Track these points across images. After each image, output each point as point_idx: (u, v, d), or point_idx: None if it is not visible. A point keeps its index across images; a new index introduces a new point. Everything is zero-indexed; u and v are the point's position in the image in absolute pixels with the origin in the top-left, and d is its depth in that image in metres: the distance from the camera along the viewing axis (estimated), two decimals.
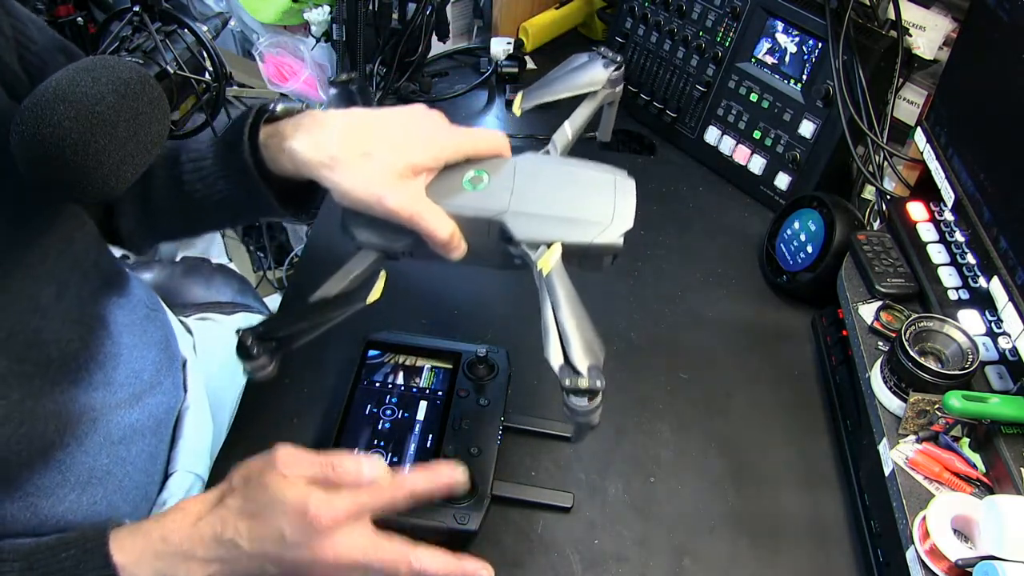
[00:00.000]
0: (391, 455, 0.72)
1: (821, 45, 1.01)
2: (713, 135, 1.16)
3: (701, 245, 1.05)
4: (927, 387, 0.68)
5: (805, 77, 1.04)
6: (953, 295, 0.79)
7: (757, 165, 1.11)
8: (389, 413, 0.75)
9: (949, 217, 0.87)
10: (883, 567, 0.68)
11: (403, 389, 0.78)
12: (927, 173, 0.85)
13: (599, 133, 1.12)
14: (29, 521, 0.57)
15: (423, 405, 0.76)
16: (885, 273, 0.83)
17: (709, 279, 1.00)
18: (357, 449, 0.72)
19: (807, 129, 1.04)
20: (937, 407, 0.67)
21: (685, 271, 1.01)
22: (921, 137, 0.87)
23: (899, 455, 0.67)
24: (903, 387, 0.69)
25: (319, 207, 1.07)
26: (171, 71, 0.52)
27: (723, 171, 1.17)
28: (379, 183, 0.57)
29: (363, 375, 0.78)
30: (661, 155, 1.21)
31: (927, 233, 0.86)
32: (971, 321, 0.76)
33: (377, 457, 0.57)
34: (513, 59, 1.33)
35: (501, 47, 1.33)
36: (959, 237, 0.85)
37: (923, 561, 0.60)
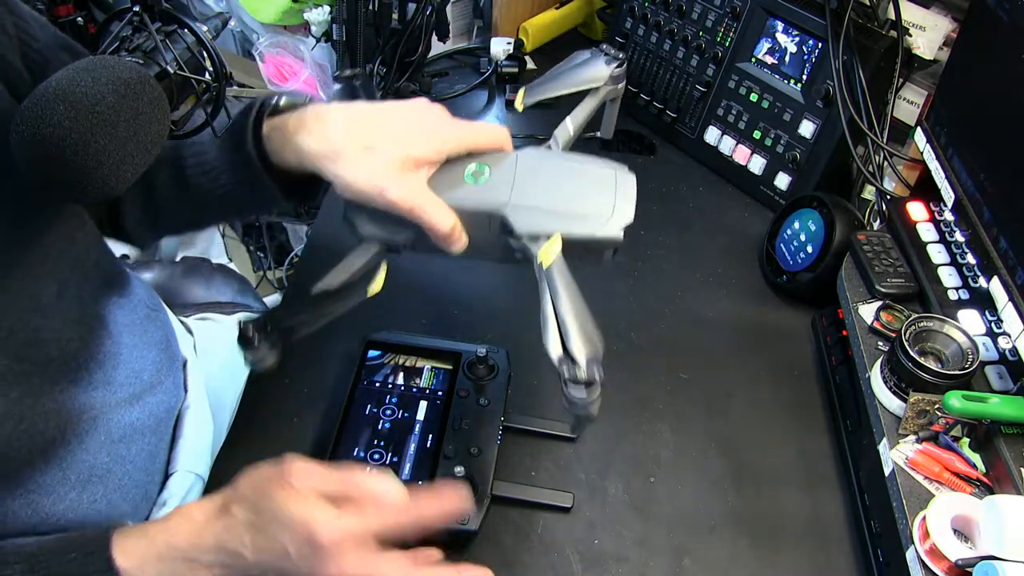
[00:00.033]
0: (391, 455, 0.72)
1: (821, 45, 1.01)
2: (713, 135, 1.16)
3: (701, 245, 1.05)
4: (927, 387, 0.68)
5: (805, 77, 1.04)
6: (953, 295, 0.79)
7: (757, 165, 1.11)
8: (389, 413, 0.75)
9: (949, 217, 0.87)
10: (883, 567, 0.68)
11: (403, 389, 0.78)
12: (927, 173, 0.85)
13: (601, 131, 1.12)
14: (30, 519, 0.57)
15: (423, 405, 0.76)
16: (885, 273, 0.83)
17: (709, 279, 1.00)
18: (357, 449, 0.72)
19: (807, 129, 1.04)
20: (937, 407, 0.67)
21: (685, 271, 1.01)
22: (921, 137, 0.87)
23: (899, 455, 0.67)
24: (903, 387, 0.69)
25: (321, 200, 1.07)
26: (171, 71, 0.52)
27: (723, 171, 1.17)
28: (381, 175, 0.57)
29: (363, 375, 0.78)
30: (661, 155, 1.21)
31: (927, 233, 0.86)
32: (971, 321, 0.76)
33: (390, 475, 0.58)
34: (513, 59, 1.33)
35: (501, 47, 1.34)
36: (959, 237, 0.85)
37: (923, 561, 0.61)
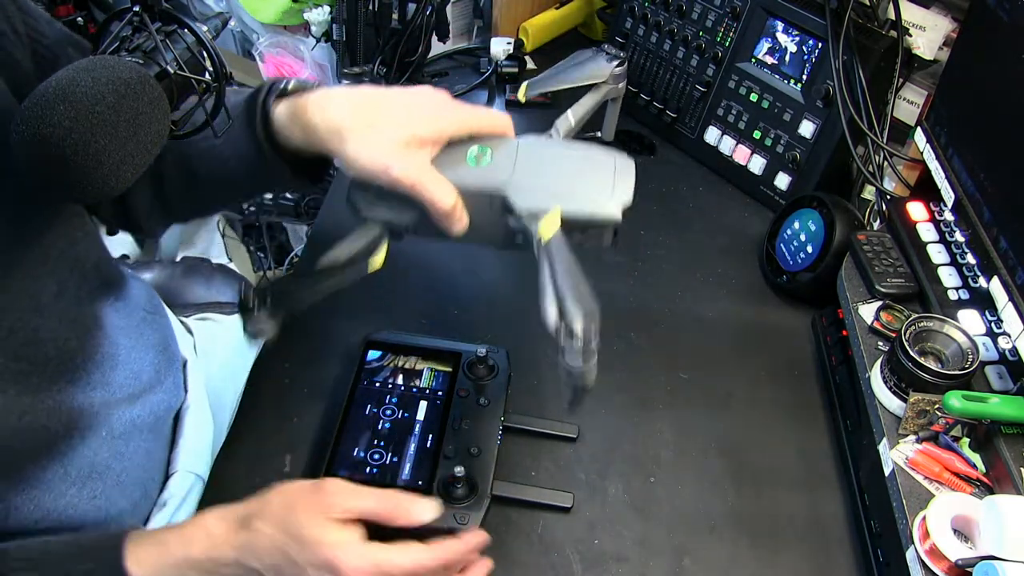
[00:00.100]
0: (391, 455, 0.72)
1: (821, 45, 1.01)
2: (713, 135, 1.16)
3: (701, 245, 1.05)
4: (927, 387, 0.68)
5: (805, 77, 1.04)
6: (953, 295, 0.79)
7: (757, 165, 1.11)
8: (389, 413, 0.75)
9: (949, 217, 0.87)
10: (883, 567, 0.68)
11: (403, 389, 0.78)
12: (927, 173, 0.85)
13: (602, 132, 1.12)
14: (31, 514, 0.57)
15: (423, 405, 0.76)
16: (885, 273, 0.83)
17: (709, 279, 1.00)
18: (357, 450, 0.72)
19: (807, 129, 1.04)
20: (937, 407, 0.67)
21: (685, 271, 1.01)
22: (921, 137, 0.87)
23: (899, 455, 0.67)
24: (903, 387, 0.69)
25: (329, 182, 1.08)
26: (171, 71, 0.51)
27: (723, 171, 1.17)
28: (386, 153, 0.58)
29: (363, 375, 0.78)
30: (661, 155, 1.21)
31: (927, 233, 0.86)
32: (971, 321, 0.76)
33: (435, 501, 0.59)
34: (513, 59, 1.32)
35: (501, 47, 1.33)
36: (959, 237, 0.85)
37: (923, 561, 0.61)
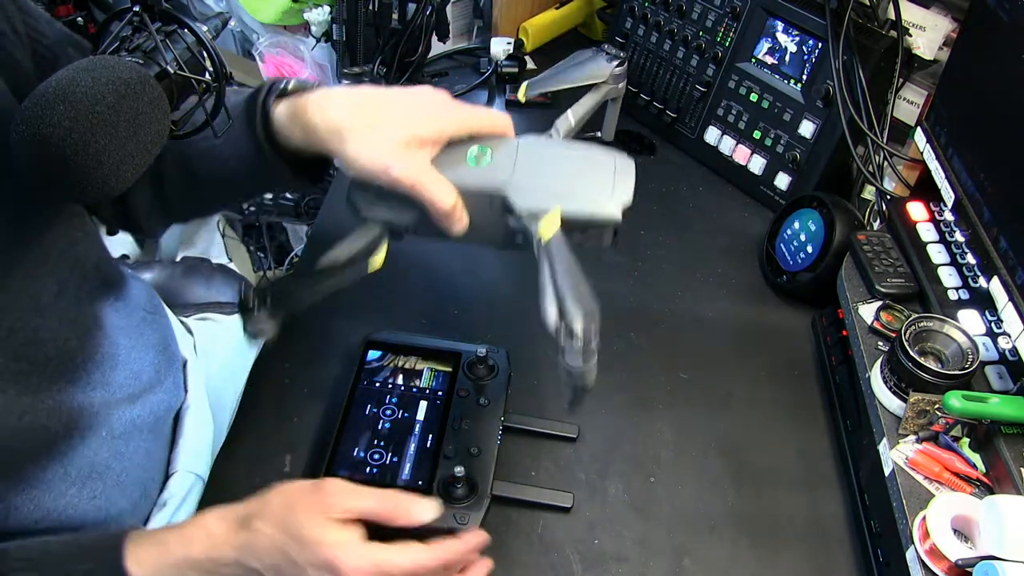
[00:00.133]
0: (391, 455, 0.72)
1: (821, 45, 1.01)
2: (713, 135, 1.16)
3: (701, 245, 1.05)
4: (927, 387, 0.68)
5: (805, 77, 1.04)
6: (953, 295, 0.79)
7: (757, 165, 1.11)
8: (389, 413, 0.75)
9: (949, 217, 0.87)
10: (883, 567, 0.68)
11: (403, 389, 0.78)
12: (927, 173, 0.85)
13: (602, 132, 1.12)
14: (32, 514, 0.57)
15: (423, 405, 0.76)
16: (885, 273, 0.83)
17: (709, 279, 1.00)
18: (357, 450, 0.72)
19: (807, 129, 1.04)
20: (937, 407, 0.67)
21: (685, 271, 1.01)
22: (921, 137, 0.87)
23: (899, 455, 0.67)
24: (903, 387, 0.69)
25: (329, 182, 1.08)
26: (171, 71, 0.51)
27: (723, 171, 1.17)
28: (386, 153, 0.58)
29: (363, 375, 0.78)
30: (661, 155, 1.21)
31: (927, 233, 0.86)
32: (971, 321, 0.76)
33: (435, 501, 0.59)
34: (513, 59, 1.32)
35: (501, 47, 1.33)
36: (959, 237, 0.85)
37: (923, 561, 0.61)
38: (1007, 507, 0.56)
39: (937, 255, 0.83)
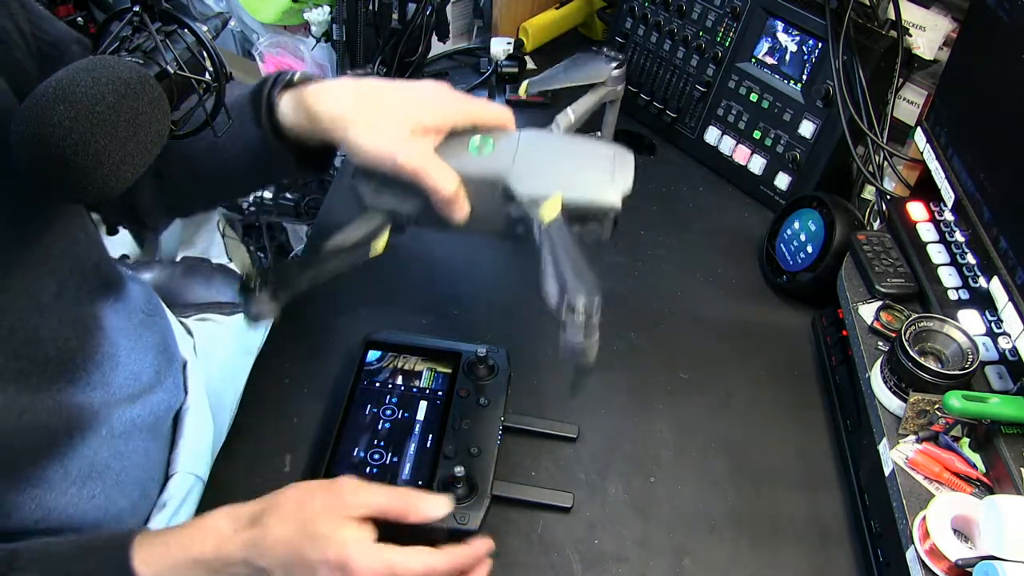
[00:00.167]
0: (391, 455, 0.72)
1: (821, 45, 1.01)
2: (713, 135, 1.16)
3: (701, 245, 1.05)
4: (927, 387, 0.68)
5: (805, 77, 1.04)
6: (953, 295, 0.79)
7: (757, 165, 1.11)
8: (389, 413, 0.75)
9: (949, 217, 0.87)
10: (883, 567, 0.68)
11: (403, 389, 0.78)
12: (927, 173, 0.85)
13: (602, 133, 1.12)
14: (32, 513, 0.58)
15: (423, 405, 0.76)
16: (885, 273, 0.83)
17: (709, 279, 1.00)
18: (357, 450, 0.72)
19: (807, 129, 1.04)
20: (937, 407, 0.67)
21: (685, 271, 1.01)
22: (921, 137, 0.87)
23: (899, 455, 0.67)
24: (903, 387, 0.69)
25: (329, 181, 1.08)
26: (171, 71, 0.51)
27: (723, 171, 1.17)
28: (391, 140, 0.59)
29: (363, 375, 0.78)
30: (661, 155, 1.21)
31: (927, 233, 0.86)
32: (971, 321, 0.76)
33: (446, 498, 0.59)
34: (513, 59, 1.32)
35: (501, 47, 1.33)
36: (959, 237, 0.85)
37: (923, 561, 0.60)
38: (1007, 507, 0.56)
39: (937, 255, 0.83)
